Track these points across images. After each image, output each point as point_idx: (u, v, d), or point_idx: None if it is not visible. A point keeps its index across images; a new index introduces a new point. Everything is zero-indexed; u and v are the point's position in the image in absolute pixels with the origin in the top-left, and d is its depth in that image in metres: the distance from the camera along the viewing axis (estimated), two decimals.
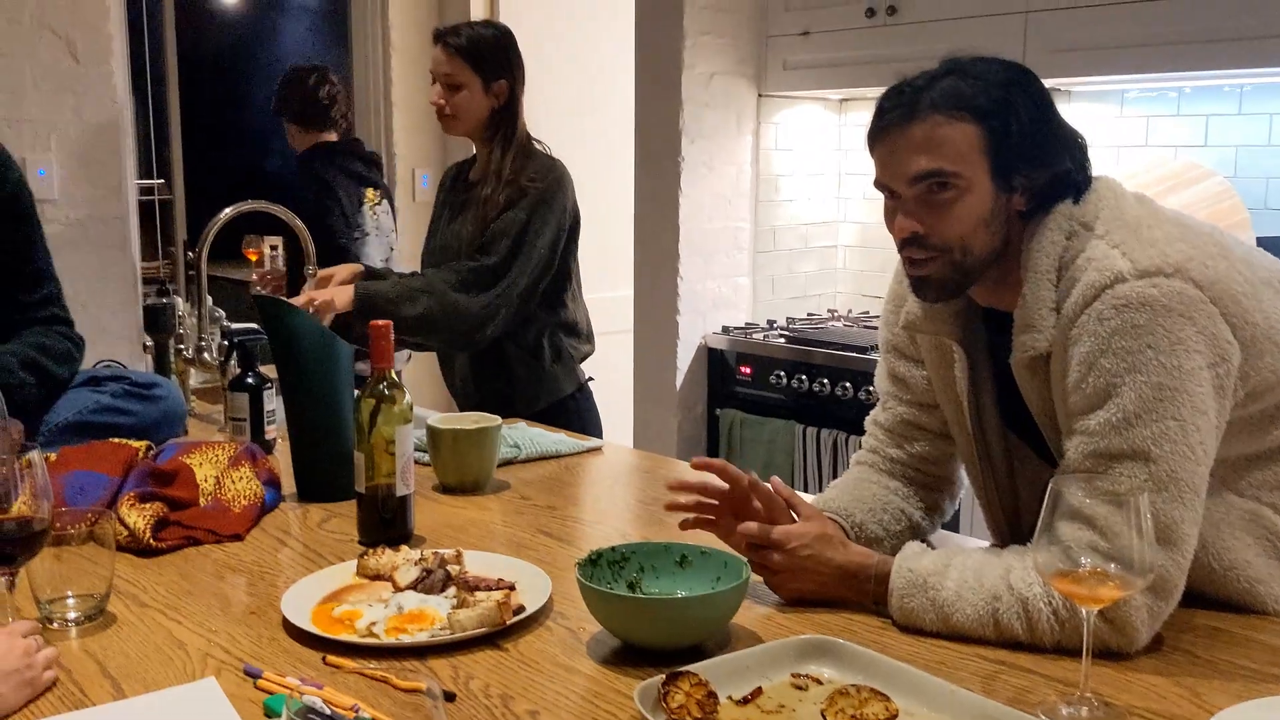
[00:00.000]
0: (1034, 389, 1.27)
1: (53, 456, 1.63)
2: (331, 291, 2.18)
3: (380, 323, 1.53)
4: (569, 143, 2.73)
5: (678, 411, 3.49)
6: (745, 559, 1.28)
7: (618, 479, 1.99)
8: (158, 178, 4.73)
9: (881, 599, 1.26)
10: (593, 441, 2.08)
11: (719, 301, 3.54)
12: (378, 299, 2.21)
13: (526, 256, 2.32)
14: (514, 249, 2.31)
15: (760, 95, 3.56)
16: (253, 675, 1.13)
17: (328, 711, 0.98)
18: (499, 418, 1.84)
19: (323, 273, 2.29)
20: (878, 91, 1.31)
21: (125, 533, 1.49)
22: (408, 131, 4.03)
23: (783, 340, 3.32)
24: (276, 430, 1.94)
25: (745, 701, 1.07)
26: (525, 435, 2.04)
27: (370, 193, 3.57)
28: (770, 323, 3.55)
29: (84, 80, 3.30)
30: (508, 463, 1.92)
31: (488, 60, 2.38)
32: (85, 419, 1.79)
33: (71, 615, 1.26)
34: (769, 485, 1.38)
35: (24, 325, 1.81)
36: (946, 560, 1.24)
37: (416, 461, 1.82)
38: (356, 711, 1.03)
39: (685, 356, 3.48)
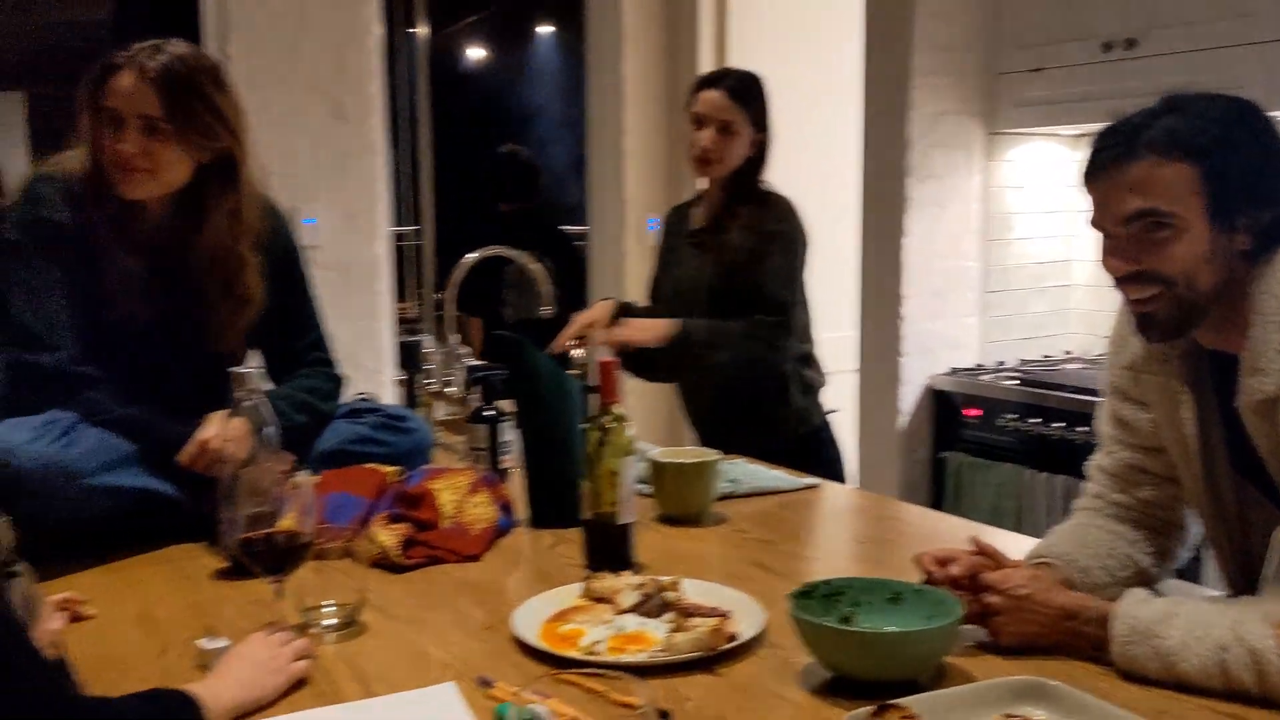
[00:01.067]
0: (1263, 433, 1.22)
1: (317, 480, 1.80)
2: (634, 328, 2.35)
3: (609, 359, 1.62)
4: (794, 182, 2.77)
5: (901, 453, 3.45)
6: (960, 598, 1.28)
7: (835, 517, 2.01)
8: (411, 224, 5.08)
9: (1101, 644, 1.23)
10: (809, 479, 2.10)
11: (946, 342, 3.49)
12: (693, 341, 2.37)
13: (801, 300, 2.48)
14: (790, 296, 2.45)
15: (990, 133, 3.50)
16: (486, 684, 1.22)
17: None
18: (719, 453, 1.89)
19: (583, 317, 2.43)
20: None
21: (377, 550, 1.63)
22: (637, 178, 4.18)
23: (1014, 382, 3.24)
24: (511, 460, 2.06)
25: None
26: (743, 471, 2.09)
27: None
28: (1000, 364, 3.47)
29: (348, 136, 3.60)
30: (726, 497, 1.97)
31: (756, 104, 2.49)
32: (345, 448, 1.96)
33: (328, 622, 1.40)
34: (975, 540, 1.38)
35: (295, 367, 2.00)
36: (1173, 608, 1.20)
37: (639, 493, 1.90)
38: None
39: (909, 398, 3.45)
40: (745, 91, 2.47)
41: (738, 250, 2.44)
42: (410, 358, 2.37)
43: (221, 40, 3.41)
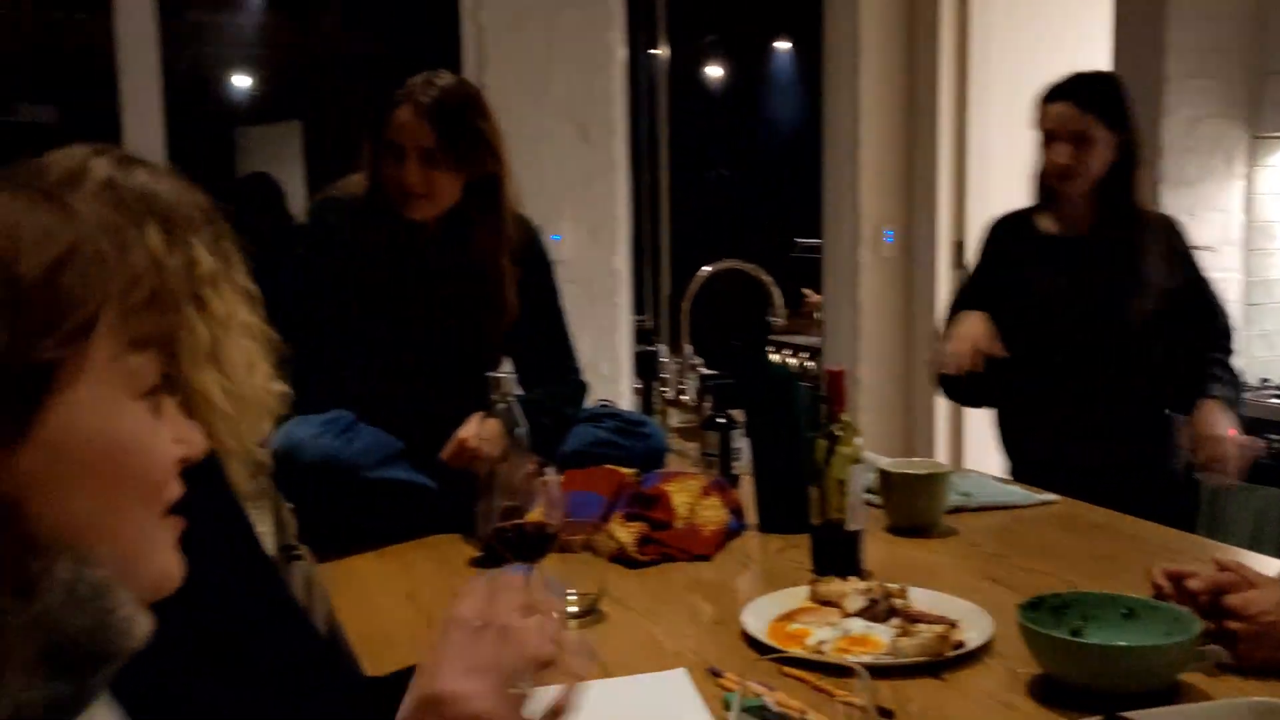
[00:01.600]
0: None
1: (561, 478, 1.92)
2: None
3: (838, 369, 1.67)
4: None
5: None
6: (1197, 616, 1.25)
7: (1073, 533, 1.97)
8: (650, 238, 5.25)
9: None
10: (1047, 495, 2.07)
11: None
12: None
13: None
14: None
15: (1254, 137, 3.31)
16: (716, 674, 1.29)
17: (776, 710, 1.11)
18: (949, 465, 1.90)
19: (960, 333, 2.32)
20: None
21: (615, 545, 1.73)
22: (872, 190, 4.17)
23: None
24: (742, 467, 2.13)
25: None
26: (977, 484, 2.07)
27: None
28: (1264, 381, 3.27)
29: (592, 156, 3.77)
30: (958, 510, 1.96)
31: (1111, 106, 2.34)
32: (586, 450, 2.08)
33: (573, 609, 1.50)
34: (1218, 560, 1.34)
35: (545, 375, 2.14)
36: None
37: (869, 503, 1.93)
38: (803, 715, 1.15)
39: None
40: (1095, 97, 2.32)
41: (1153, 271, 2.32)
42: (646, 367, 2.47)
43: (479, 70, 3.65)
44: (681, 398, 2.51)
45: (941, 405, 4.09)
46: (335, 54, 6.85)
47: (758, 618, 1.44)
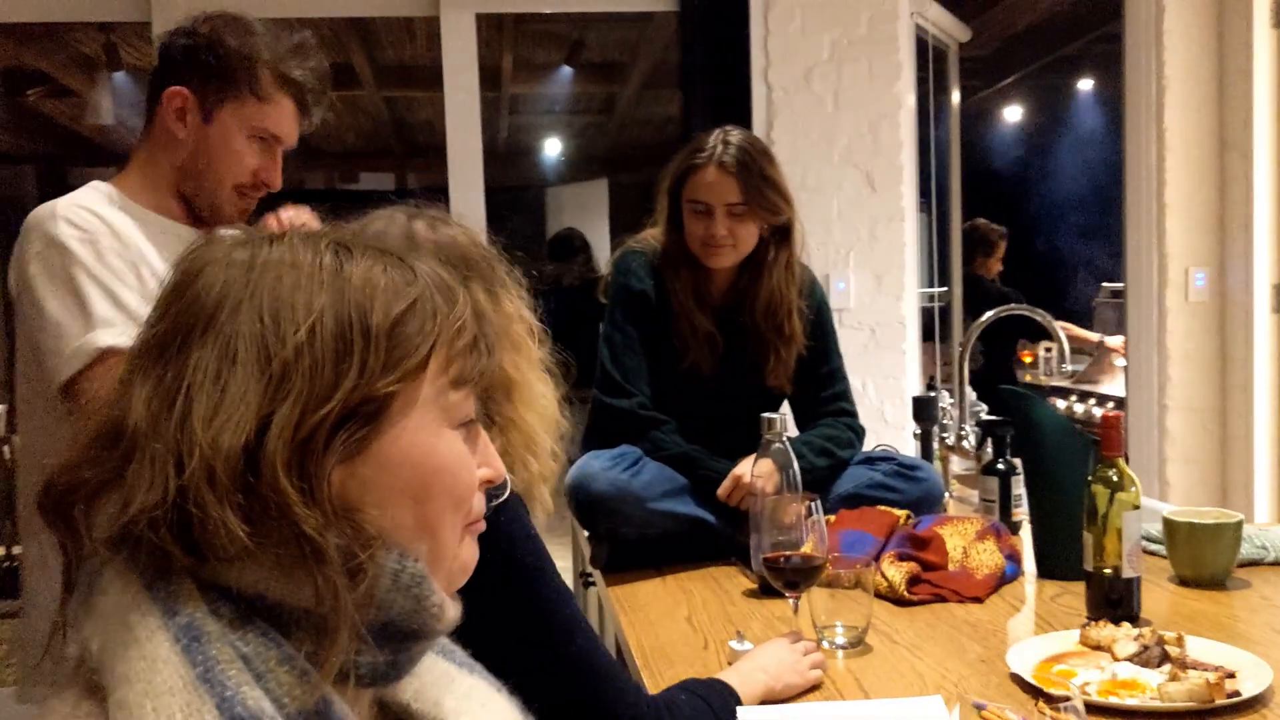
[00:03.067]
0: None
1: (832, 518, 2.00)
2: None
3: (1113, 414, 1.66)
4: None
5: None
6: None
7: None
8: (939, 285, 5.20)
9: None
10: None
11: None
12: None
13: None
14: None
15: None
16: (979, 707, 1.32)
17: None
18: (1240, 515, 1.82)
19: None
20: None
21: (885, 583, 1.78)
22: (1179, 230, 3.97)
23: None
24: (1022, 513, 2.12)
25: None
26: (1275, 537, 1.97)
27: None
28: None
29: (878, 204, 3.83)
30: (1252, 563, 1.87)
31: None
32: (860, 491, 2.14)
33: (839, 640, 1.57)
34: None
35: (819, 416, 2.24)
36: None
37: (1152, 553, 1.88)
38: None
39: None
40: None
41: None
42: (925, 412, 2.50)
43: (768, 125, 3.80)
44: (962, 444, 2.51)
45: (1262, 458, 3.82)
46: (637, 117, 7.24)
47: (1024, 657, 1.46)
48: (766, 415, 1.86)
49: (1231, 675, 1.34)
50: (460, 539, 0.79)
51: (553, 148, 8.18)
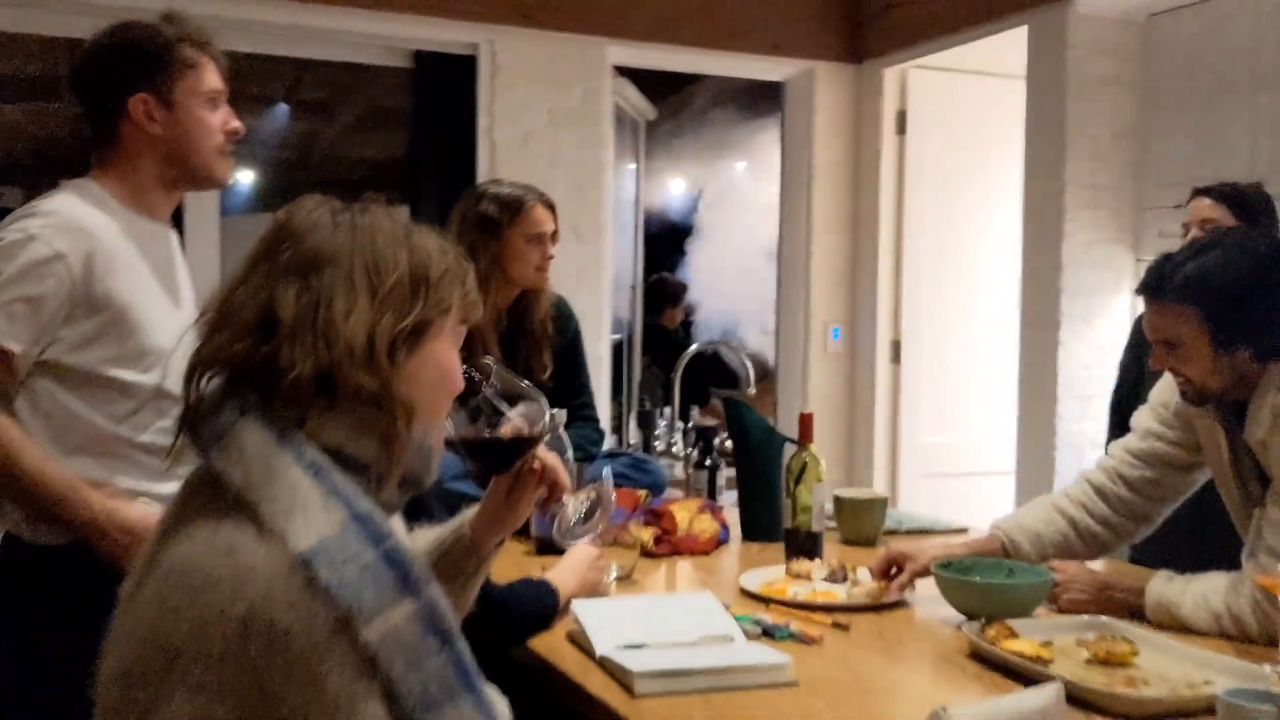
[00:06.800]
0: (1262, 457, 1.75)
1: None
2: None
3: (807, 413, 2.27)
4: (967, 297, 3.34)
5: None
6: (1050, 570, 1.86)
7: None
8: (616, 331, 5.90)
9: (1136, 609, 1.78)
10: (960, 525, 2.66)
11: (1094, 442, 3.96)
12: None
13: None
14: None
15: (1138, 259, 4.02)
16: (726, 606, 1.85)
17: (770, 621, 1.69)
18: (886, 495, 2.49)
19: None
20: None
21: (637, 541, 2.29)
22: (822, 294, 4.84)
23: None
24: (724, 500, 2.70)
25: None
26: (905, 515, 2.68)
27: None
28: None
29: (584, 254, 4.40)
30: (891, 531, 2.55)
31: (1249, 209, 2.57)
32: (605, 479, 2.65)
33: (614, 575, 2.05)
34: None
35: (573, 420, 2.72)
36: (1184, 586, 1.75)
37: (826, 526, 2.52)
38: (788, 626, 1.72)
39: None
40: (1235, 196, 2.57)
41: None
42: (646, 422, 3.06)
43: (490, 178, 4.28)
44: (672, 449, 3.09)
45: (880, 477, 4.71)
46: (363, 158, 7.40)
47: (750, 582, 2.01)
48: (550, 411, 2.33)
49: (886, 587, 1.96)
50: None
51: (245, 178, 8.21)
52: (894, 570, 1.95)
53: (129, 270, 1.79)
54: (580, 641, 1.66)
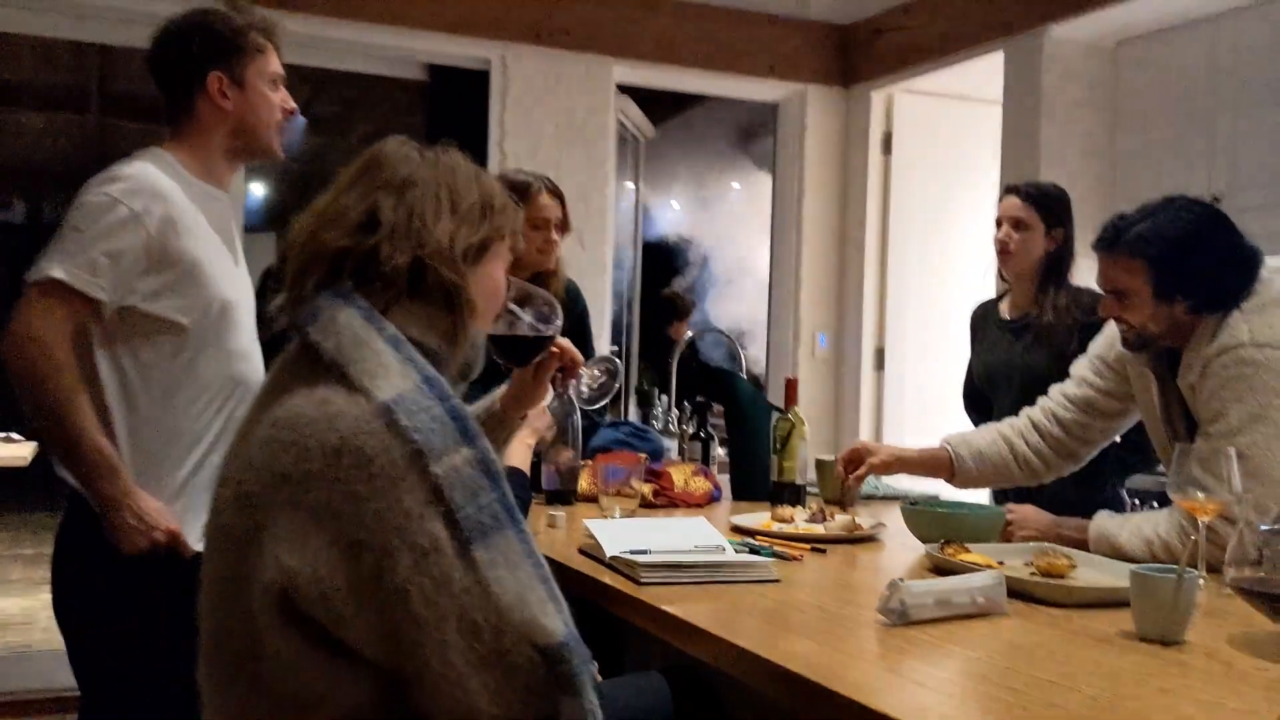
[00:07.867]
0: (1191, 402, 2.00)
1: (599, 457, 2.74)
2: None
3: (792, 378, 2.52)
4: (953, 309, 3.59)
5: None
6: (1005, 511, 2.11)
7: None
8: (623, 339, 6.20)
9: (1079, 542, 2.02)
10: (931, 489, 2.91)
11: None
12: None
13: None
14: None
15: None
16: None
17: (758, 544, 1.93)
18: None
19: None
20: None
21: (638, 494, 2.53)
22: (810, 303, 5.11)
23: None
24: (717, 466, 2.95)
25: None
26: (881, 482, 2.92)
27: None
28: None
29: (586, 260, 4.65)
30: (869, 496, 2.80)
31: (1052, 209, 2.84)
32: (608, 445, 2.89)
33: (617, 515, 2.29)
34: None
35: None
36: (1123, 520, 2.00)
37: (808, 492, 2.77)
38: (772, 547, 1.96)
39: None
40: (1040, 197, 2.84)
41: (1062, 337, 2.74)
42: (646, 400, 3.31)
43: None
44: (669, 426, 3.33)
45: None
46: (374, 132, 7.67)
47: (744, 524, 2.25)
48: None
49: (859, 526, 2.20)
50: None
51: (256, 192, 8.47)
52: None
53: (197, 230, 2.04)
54: (593, 552, 1.90)
